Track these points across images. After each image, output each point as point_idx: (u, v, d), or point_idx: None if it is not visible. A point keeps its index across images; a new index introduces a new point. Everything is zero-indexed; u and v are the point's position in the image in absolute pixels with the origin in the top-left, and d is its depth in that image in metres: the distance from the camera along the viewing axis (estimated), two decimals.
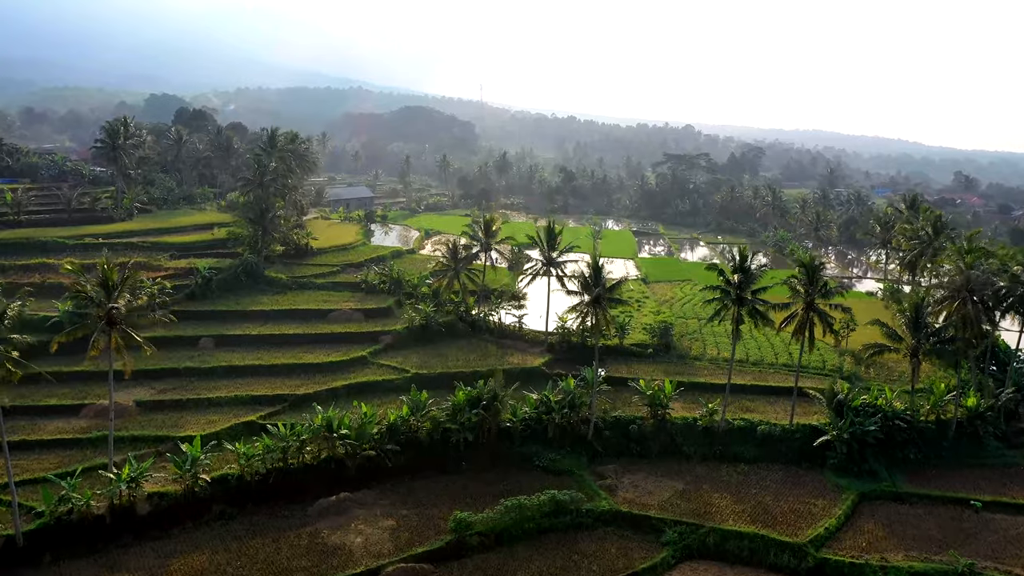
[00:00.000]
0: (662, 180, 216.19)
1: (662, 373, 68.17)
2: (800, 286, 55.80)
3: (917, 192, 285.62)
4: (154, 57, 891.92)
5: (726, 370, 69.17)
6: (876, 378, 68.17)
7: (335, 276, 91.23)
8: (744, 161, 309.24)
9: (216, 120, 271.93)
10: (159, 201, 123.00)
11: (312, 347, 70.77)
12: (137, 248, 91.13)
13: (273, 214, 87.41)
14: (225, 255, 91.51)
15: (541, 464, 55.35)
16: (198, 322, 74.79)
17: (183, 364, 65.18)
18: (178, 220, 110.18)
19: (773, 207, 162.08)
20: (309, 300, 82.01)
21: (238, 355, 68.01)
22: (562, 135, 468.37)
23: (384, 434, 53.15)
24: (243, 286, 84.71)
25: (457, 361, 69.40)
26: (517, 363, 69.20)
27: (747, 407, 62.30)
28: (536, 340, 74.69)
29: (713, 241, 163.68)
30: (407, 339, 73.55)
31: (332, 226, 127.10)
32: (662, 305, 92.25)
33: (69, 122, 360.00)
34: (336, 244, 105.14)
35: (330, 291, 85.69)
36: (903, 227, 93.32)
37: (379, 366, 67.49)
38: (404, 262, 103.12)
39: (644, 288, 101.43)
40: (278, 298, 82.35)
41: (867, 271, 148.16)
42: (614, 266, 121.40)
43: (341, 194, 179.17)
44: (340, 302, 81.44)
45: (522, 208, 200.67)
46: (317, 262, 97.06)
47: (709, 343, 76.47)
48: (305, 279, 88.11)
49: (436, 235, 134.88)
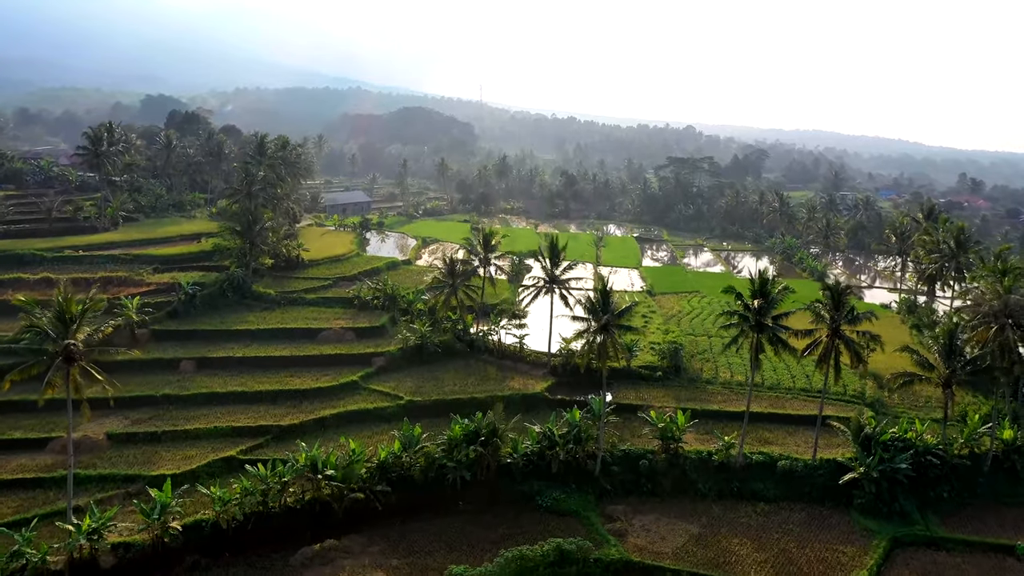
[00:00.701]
0: (665, 184, 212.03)
1: (672, 399, 63.99)
2: (825, 311, 51.48)
3: (922, 193, 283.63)
4: (153, 57, 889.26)
5: (741, 396, 65.13)
6: (901, 403, 64.03)
7: (326, 291, 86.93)
8: (747, 163, 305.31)
9: (210, 123, 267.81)
10: (147, 209, 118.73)
11: (300, 370, 66.46)
12: (118, 261, 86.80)
13: (261, 226, 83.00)
14: (212, 268, 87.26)
15: (544, 504, 51.11)
16: (179, 343, 70.56)
17: (161, 391, 60.87)
18: (165, 230, 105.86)
19: (780, 213, 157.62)
20: (298, 318, 77.72)
21: (220, 380, 63.71)
22: (562, 136, 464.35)
23: (374, 473, 48.91)
24: (229, 302, 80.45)
25: (454, 386, 65.12)
26: (518, 388, 64.96)
27: (765, 438, 58.07)
28: (538, 362, 70.38)
29: (718, 248, 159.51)
30: (401, 361, 69.26)
31: (326, 235, 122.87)
32: (669, 320, 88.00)
33: (64, 123, 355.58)
34: (329, 255, 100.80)
35: (321, 307, 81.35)
36: (922, 239, 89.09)
37: (371, 392, 63.17)
38: (400, 274, 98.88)
39: (650, 301, 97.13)
40: (266, 315, 78.05)
41: (875, 278, 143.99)
42: (618, 276, 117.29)
43: (337, 199, 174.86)
44: (331, 320, 77.16)
45: (522, 213, 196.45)
46: (308, 275, 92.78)
47: (721, 364, 72.16)
48: (295, 294, 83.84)
49: (434, 243, 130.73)
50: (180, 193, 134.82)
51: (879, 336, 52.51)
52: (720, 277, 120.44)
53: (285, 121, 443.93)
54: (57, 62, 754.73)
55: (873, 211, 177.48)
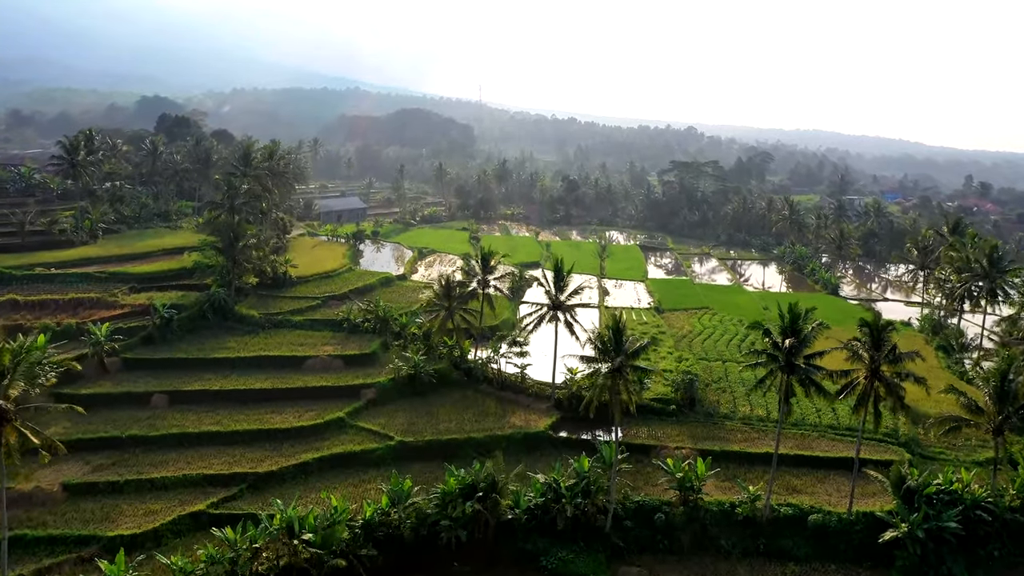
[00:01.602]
0: (669, 189, 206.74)
1: (688, 438, 58.59)
2: (864, 351, 46.01)
3: (930, 197, 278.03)
4: (152, 57, 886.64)
5: (763, 433, 59.85)
6: (938, 443, 58.57)
7: (315, 311, 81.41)
8: (751, 166, 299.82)
9: (202, 126, 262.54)
10: (129, 220, 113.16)
11: (282, 405, 60.96)
12: (92, 280, 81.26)
13: (244, 243, 77.42)
14: (193, 287, 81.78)
15: (550, 565, 45.68)
16: (152, 373, 65.09)
17: (127, 431, 55.36)
18: (146, 243, 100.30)
19: (790, 221, 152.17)
20: (283, 343, 72.22)
21: (194, 417, 58.24)
22: (563, 137, 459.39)
23: (358, 535, 43.47)
24: (209, 326, 75.10)
25: (450, 422, 59.67)
26: (520, 425, 59.51)
27: (792, 485, 52.64)
28: (541, 394, 64.89)
29: (725, 257, 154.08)
30: (392, 393, 63.79)
31: (317, 246, 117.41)
32: (680, 342, 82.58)
33: (58, 125, 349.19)
34: (318, 271, 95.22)
35: (308, 331, 75.83)
36: (949, 254, 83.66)
37: (358, 431, 57.65)
38: (394, 291, 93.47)
39: (659, 320, 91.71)
40: (248, 340, 72.55)
41: (886, 287, 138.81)
42: (623, 290, 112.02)
43: (331, 206, 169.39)
44: (318, 345, 71.65)
45: (522, 219, 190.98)
46: (296, 293, 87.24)
47: (739, 395, 66.67)
48: (281, 316, 78.26)
49: (431, 254, 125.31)
50: (167, 202, 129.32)
51: (924, 379, 47.05)
52: (730, 291, 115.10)
53: (282, 122, 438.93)
54: (56, 61, 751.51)
55: (884, 218, 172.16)
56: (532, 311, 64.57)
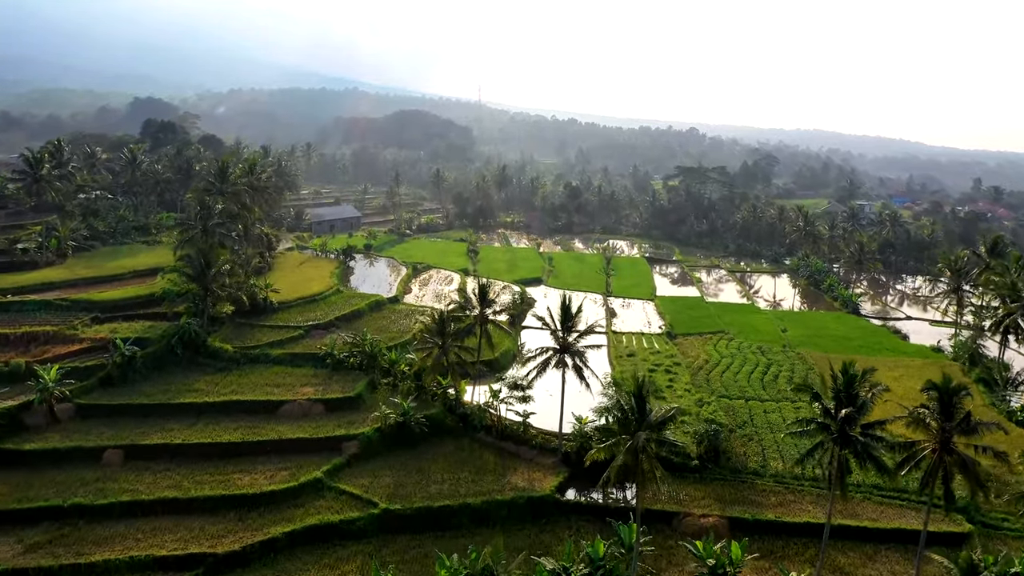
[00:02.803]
0: (675, 196, 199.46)
1: (715, 501, 51.38)
2: (932, 419, 38.78)
3: (940, 202, 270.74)
4: (151, 56, 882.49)
5: (799, 494, 52.71)
6: (999, 508, 51.40)
7: (296, 344, 73.97)
8: (757, 170, 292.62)
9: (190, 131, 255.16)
10: (104, 235, 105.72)
11: (253, 462, 53.67)
12: (52, 309, 73.91)
13: (217, 269, 70.02)
14: (163, 317, 74.49)
15: None
16: (108, 422, 57.73)
17: (71, 499, 47.96)
18: (119, 263, 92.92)
19: (805, 232, 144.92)
20: (258, 383, 64.82)
21: (149, 479, 50.94)
22: (563, 139, 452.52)
23: None
24: (179, 361, 67.79)
25: (442, 483, 52.39)
26: (522, 486, 52.25)
27: (838, 564, 45.39)
28: (547, 446, 57.62)
29: (736, 269, 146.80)
30: (378, 445, 56.48)
31: (305, 263, 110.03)
32: (697, 375, 75.35)
33: (48, 128, 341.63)
34: (302, 295, 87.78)
35: (287, 367, 68.46)
36: (991, 279, 76.49)
37: (338, 494, 50.35)
38: (384, 316, 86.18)
39: (672, 348, 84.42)
40: (220, 380, 65.20)
41: (903, 300, 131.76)
42: (631, 311, 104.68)
43: (323, 215, 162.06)
44: (296, 387, 64.26)
45: (523, 228, 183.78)
46: (277, 321, 79.84)
47: (768, 444, 59.44)
48: (258, 350, 70.79)
49: (426, 271, 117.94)
50: (147, 214, 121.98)
51: (1005, 454, 39.81)
52: (744, 311, 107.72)
53: (279, 123, 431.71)
54: (54, 61, 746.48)
55: (900, 227, 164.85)
56: (535, 352, 57.05)
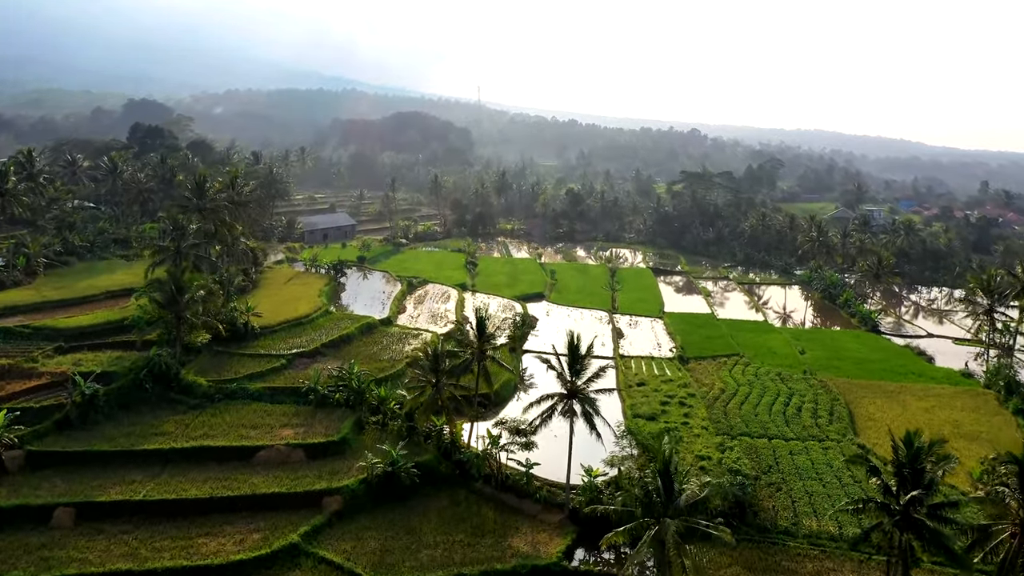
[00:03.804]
0: (680, 202, 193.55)
1: (743, 568, 45.36)
2: (1012, 499, 32.83)
3: (951, 208, 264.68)
4: (150, 54, 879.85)
5: (839, 561, 46.58)
6: None
7: (278, 375, 67.80)
8: (762, 173, 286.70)
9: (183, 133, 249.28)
10: (80, 250, 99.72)
11: (221, 522, 47.65)
12: (12, 337, 67.91)
13: (191, 295, 63.91)
14: (134, 346, 68.57)
15: None
16: (63, 473, 51.65)
17: (8, 574, 42.08)
18: (92, 282, 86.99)
19: (818, 243, 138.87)
20: (233, 424, 58.74)
21: (103, 544, 44.89)
22: (563, 141, 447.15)
23: None
24: (148, 398, 61.77)
25: (435, 548, 46.32)
26: (525, 550, 46.22)
27: None
28: (552, 500, 51.49)
29: (746, 280, 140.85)
30: (364, 500, 50.48)
31: (294, 279, 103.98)
32: (713, 405, 69.40)
33: (40, 130, 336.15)
34: (288, 318, 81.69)
35: (266, 404, 62.39)
36: None
37: (316, 563, 44.25)
38: (375, 341, 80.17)
39: (684, 375, 78.37)
40: (191, 419, 59.20)
41: (918, 312, 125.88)
42: (639, 330, 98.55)
43: (317, 223, 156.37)
44: (276, 427, 58.23)
45: (523, 236, 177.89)
46: (259, 348, 73.77)
47: (798, 495, 53.39)
48: (235, 384, 64.56)
49: (421, 286, 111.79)
50: (129, 225, 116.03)
51: None
52: (758, 329, 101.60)
53: (275, 125, 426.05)
54: (52, 61, 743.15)
55: (915, 236, 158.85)
56: (539, 399, 51.06)
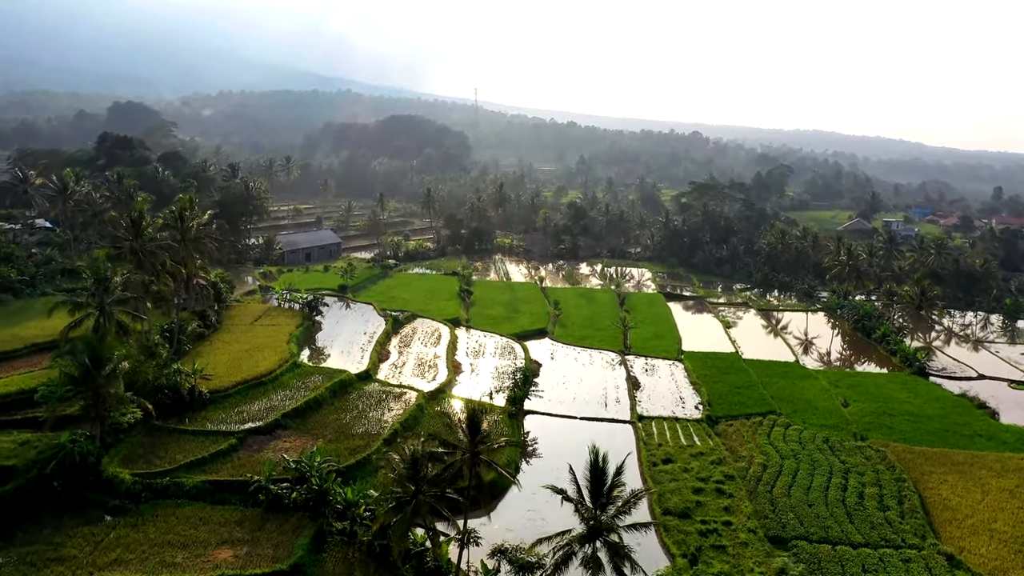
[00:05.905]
0: (689, 215, 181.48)
1: None
2: None
3: (971, 218, 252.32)
4: (141, 55, 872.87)
5: None
6: None
7: (225, 461, 54.89)
8: (771, 180, 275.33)
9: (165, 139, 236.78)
10: (19, 285, 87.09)
11: None
12: None
13: (113, 367, 51.03)
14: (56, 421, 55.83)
15: None
16: None
17: None
18: (17, 330, 74.14)
19: (849, 267, 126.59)
20: (157, 538, 45.82)
21: None
22: (563, 144, 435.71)
23: None
24: (57, 499, 49.11)
25: None
26: None
27: None
28: None
29: (768, 307, 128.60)
30: None
31: (261, 320, 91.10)
32: (755, 491, 56.97)
33: (20, 134, 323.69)
34: (247, 376, 68.68)
35: (203, 507, 49.54)
36: None
37: None
38: (351, 405, 67.42)
39: (715, 444, 65.87)
40: (104, 533, 46.23)
41: (950, 338, 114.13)
42: (657, 378, 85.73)
43: (298, 242, 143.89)
44: (211, 544, 45.40)
45: (522, 254, 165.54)
46: (205, 422, 60.56)
47: None
48: (168, 477, 51.70)
49: (409, 322, 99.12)
50: (82, 252, 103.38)
51: None
52: (791, 373, 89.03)
53: (266, 129, 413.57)
54: (41, 62, 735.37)
55: (947, 256, 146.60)
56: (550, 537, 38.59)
